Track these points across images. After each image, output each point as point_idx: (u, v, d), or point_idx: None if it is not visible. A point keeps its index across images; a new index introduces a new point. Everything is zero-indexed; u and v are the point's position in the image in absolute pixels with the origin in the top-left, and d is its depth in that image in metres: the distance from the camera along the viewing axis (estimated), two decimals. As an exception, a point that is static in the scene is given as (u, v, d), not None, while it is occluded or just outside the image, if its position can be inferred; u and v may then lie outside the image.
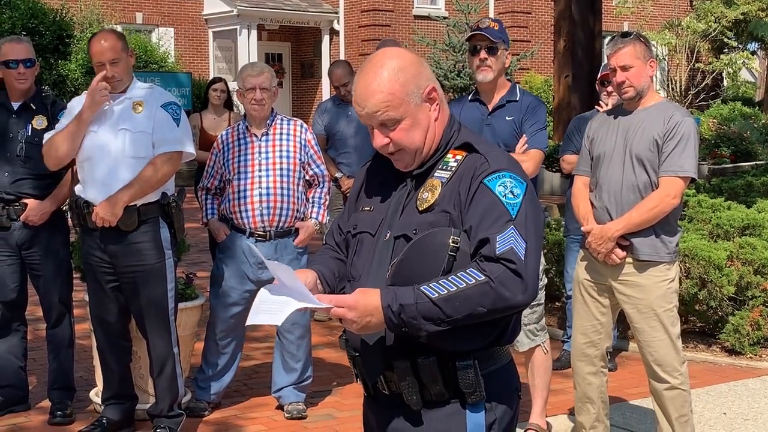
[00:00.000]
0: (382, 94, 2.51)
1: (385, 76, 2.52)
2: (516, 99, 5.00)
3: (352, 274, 2.66)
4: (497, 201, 2.47)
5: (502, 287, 2.39)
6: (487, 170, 2.52)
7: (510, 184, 2.50)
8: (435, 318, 2.38)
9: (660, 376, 4.51)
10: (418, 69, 2.56)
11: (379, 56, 2.58)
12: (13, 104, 5.34)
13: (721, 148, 18.36)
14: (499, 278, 2.39)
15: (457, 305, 2.37)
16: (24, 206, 5.23)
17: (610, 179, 4.51)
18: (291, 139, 5.47)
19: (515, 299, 2.41)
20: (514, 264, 2.40)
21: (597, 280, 4.62)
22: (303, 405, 5.54)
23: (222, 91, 8.84)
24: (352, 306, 2.40)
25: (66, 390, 5.48)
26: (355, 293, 2.43)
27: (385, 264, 2.54)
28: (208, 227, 5.62)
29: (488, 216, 2.46)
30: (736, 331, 6.80)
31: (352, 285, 2.62)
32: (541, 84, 23.81)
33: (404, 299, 2.39)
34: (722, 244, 7.12)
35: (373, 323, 2.41)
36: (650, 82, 4.52)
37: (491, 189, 2.49)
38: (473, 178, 2.52)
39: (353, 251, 2.68)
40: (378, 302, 2.40)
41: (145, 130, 4.85)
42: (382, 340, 2.53)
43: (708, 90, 23.41)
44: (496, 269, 2.40)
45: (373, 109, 2.53)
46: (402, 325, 2.40)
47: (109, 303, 5.03)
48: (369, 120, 2.56)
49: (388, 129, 2.55)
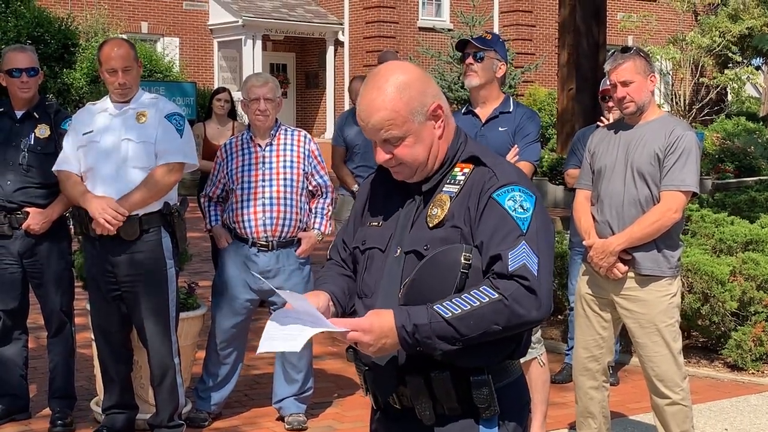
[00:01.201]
0: (385, 112, 2.49)
1: (390, 92, 2.49)
2: (509, 110, 5.00)
3: (363, 291, 2.62)
4: (507, 216, 2.45)
5: (516, 304, 2.37)
6: (495, 184, 2.49)
7: (519, 198, 2.48)
8: (449, 337, 2.36)
9: (661, 392, 4.49)
10: (423, 86, 2.53)
11: (384, 70, 2.54)
12: (16, 113, 5.35)
13: (724, 163, 18.34)
14: (513, 295, 2.37)
15: (471, 324, 2.35)
16: (26, 215, 5.23)
17: (612, 193, 4.50)
18: (295, 150, 5.47)
19: (530, 316, 2.39)
20: (528, 281, 2.38)
21: (599, 295, 4.61)
22: (304, 416, 5.53)
23: (226, 101, 8.86)
24: (368, 329, 2.37)
25: (67, 399, 5.47)
26: (369, 315, 2.40)
27: (395, 280, 2.52)
28: (211, 234, 5.61)
29: (499, 231, 2.43)
30: (738, 346, 6.78)
31: (364, 302, 2.60)
32: (545, 97, 23.82)
33: (418, 319, 2.36)
34: (725, 259, 7.11)
35: (389, 344, 2.39)
36: (651, 96, 4.52)
37: (500, 203, 2.46)
38: (482, 192, 2.49)
39: (363, 267, 2.64)
40: (392, 323, 2.37)
41: (148, 140, 4.86)
42: (395, 355, 2.50)
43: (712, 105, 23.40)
44: (510, 286, 2.38)
45: (376, 126, 2.51)
46: (416, 345, 2.37)
47: (110, 312, 5.02)
48: (372, 135, 2.54)
49: (390, 145, 2.53)
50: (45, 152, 5.25)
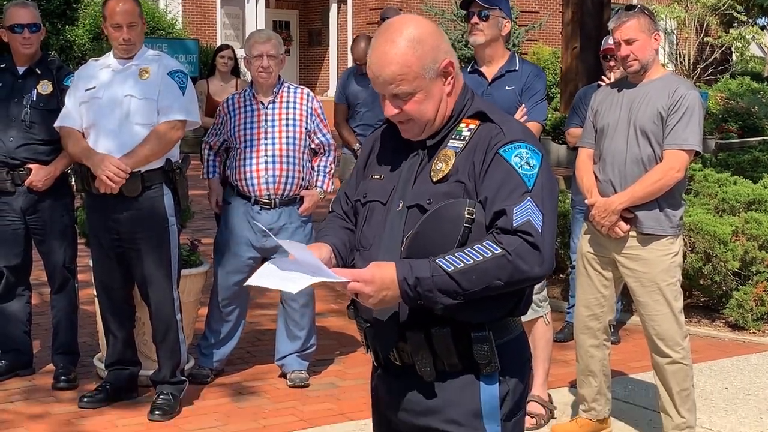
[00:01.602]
0: (397, 66, 2.46)
1: (402, 46, 2.46)
2: (516, 68, 4.97)
3: (362, 243, 2.62)
4: (513, 172, 2.44)
5: (520, 260, 2.36)
6: (502, 140, 2.48)
7: (526, 154, 2.46)
8: (451, 291, 2.35)
9: (662, 350, 4.51)
10: (436, 41, 2.51)
11: (398, 23, 2.51)
12: (18, 69, 5.33)
13: (728, 122, 18.26)
14: (516, 251, 2.36)
15: (473, 278, 2.35)
16: (28, 171, 5.23)
17: (614, 152, 4.49)
18: (297, 108, 5.45)
19: (532, 272, 2.38)
20: (532, 236, 2.37)
21: (600, 254, 4.62)
22: (306, 373, 5.56)
23: (229, 58, 8.84)
24: (369, 280, 2.36)
25: (70, 355, 5.50)
26: (370, 267, 2.39)
27: (397, 234, 2.51)
28: (208, 183, 5.63)
29: (504, 187, 2.42)
30: (739, 306, 6.80)
31: (362, 254, 2.59)
32: (549, 55, 23.67)
33: (420, 272, 2.35)
34: (728, 219, 7.11)
35: (390, 297, 2.38)
36: (655, 55, 4.49)
37: (507, 160, 2.45)
38: (488, 148, 2.48)
39: (363, 220, 2.64)
40: (394, 275, 2.36)
41: (150, 97, 4.84)
42: (396, 311, 2.50)
43: (716, 64, 23.26)
44: (513, 242, 2.37)
45: (387, 80, 2.48)
46: (418, 298, 2.37)
47: (112, 269, 5.04)
48: (382, 89, 2.51)
49: (400, 100, 2.51)
50: (47, 108, 5.24)
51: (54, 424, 4.87)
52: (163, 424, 4.89)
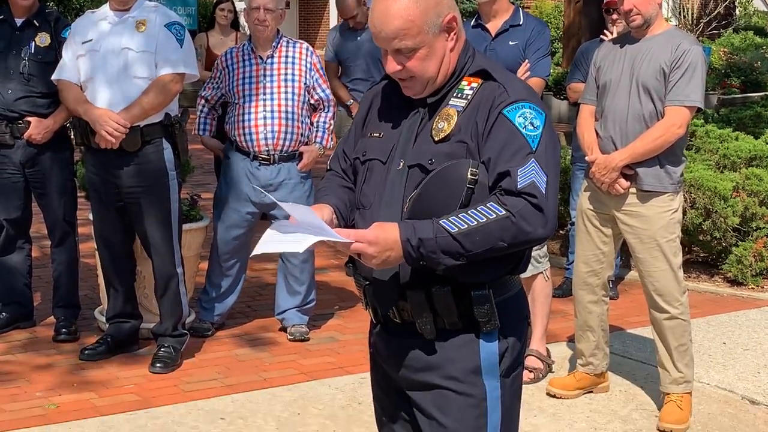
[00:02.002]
0: (400, 21, 2.42)
1: (405, 1, 2.42)
2: (519, 23, 4.94)
3: (362, 202, 2.60)
4: (517, 132, 2.41)
5: (523, 221, 2.35)
6: (506, 100, 2.45)
7: (530, 115, 2.44)
8: (454, 252, 2.34)
9: (660, 306, 4.53)
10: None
11: None
12: (16, 21, 5.30)
13: (730, 78, 18.18)
14: (520, 212, 2.35)
15: (477, 240, 2.34)
16: (27, 124, 5.21)
17: (616, 108, 4.47)
18: (296, 63, 5.42)
19: (536, 233, 2.37)
20: (536, 198, 2.36)
21: (600, 210, 4.61)
22: (306, 328, 5.58)
23: (229, 11, 8.76)
24: (373, 241, 2.35)
25: (71, 308, 5.52)
26: (374, 228, 2.37)
27: (398, 194, 2.50)
28: (201, 142, 5.64)
29: (508, 148, 2.40)
30: (739, 261, 6.81)
31: (362, 213, 2.58)
32: (552, 9, 23.50)
33: (423, 233, 2.34)
34: (728, 174, 7.10)
35: (393, 257, 2.37)
36: (658, 9, 4.45)
37: (511, 120, 2.42)
38: (491, 108, 2.45)
39: (362, 178, 2.62)
40: (397, 236, 2.35)
41: (147, 50, 4.81)
42: (396, 270, 2.49)
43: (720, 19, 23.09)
44: (518, 203, 2.35)
45: (390, 35, 2.44)
46: (420, 259, 2.36)
47: (113, 223, 5.04)
48: (384, 44, 2.48)
49: (402, 56, 2.47)
50: (46, 61, 5.21)
51: (55, 375, 4.90)
52: (164, 377, 4.92)
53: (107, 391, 4.73)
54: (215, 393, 4.75)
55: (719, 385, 5.03)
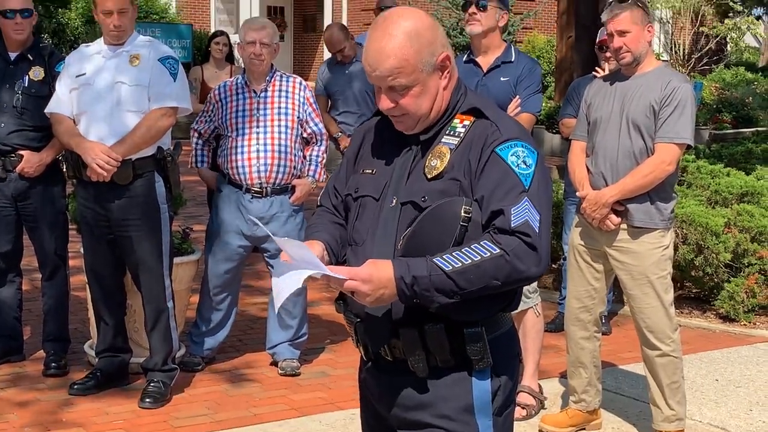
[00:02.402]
0: (395, 59, 2.44)
1: (400, 39, 2.43)
2: (511, 60, 4.97)
3: (354, 239, 2.60)
4: (510, 171, 2.42)
5: (517, 260, 2.36)
6: (498, 139, 2.46)
7: (522, 153, 2.45)
8: (448, 290, 2.34)
9: (652, 343, 4.52)
10: (434, 35, 2.49)
11: (395, 16, 2.48)
12: (10, 54, 5.31)
13: (722, 113, 18.27)
14: (514, 251, 2.35)
15: (471, 278, 2.34)
16: (20, 157, 5.21)
17: (606, 145, 4.49)
18: (290, 96, 5.44)
19: (530, 272, 2.38)
20: (529, 237, 2.37)
21: (592, 246, 4.62)
22: (297, 362, 5.56)
23: (224, 45, 8.82)
24: (366, 279, 2.34)
25: (61, 342, 5.49)
26: (367, 265, 2.37)
27: (391, 231, 2.50)
28: (199, 174, 5.64)
29: (501, 186, 2.41)
30: (731, 298, 6.81)
31: (354, 250, 2.58)
32: (544, 44, 23.64)
33: (417, 271, 2.34)
34: (720, 210, 7.12)
35: (387, 295, 2.36)
36: (648, 47, 4.48)
37: (504, 158, 2.43)
38: (484, 146, 2.46)
39: (354, 215, 2.62)
40: (391, 274, 2.34)
41: (141, 84, 4.82)
42: (389, 308, 2.48)
43: (711, 54, 23.24)
44: (512, 242, 2.36)
45: (384, 74, 2.45)
46: (414, 297, 2.36)
47: (104, 256, 5.03)
48: (378, 82, 2.49)
49: (396, 94, 2.48)
50: (39, 94, 5.21)
51: (44, 411, 4.86)
52: (154, 412, 4.88)
53: (96, 427, 4.69)
54: (205, 429, 4.72)
55: (712, 423, 5.01)
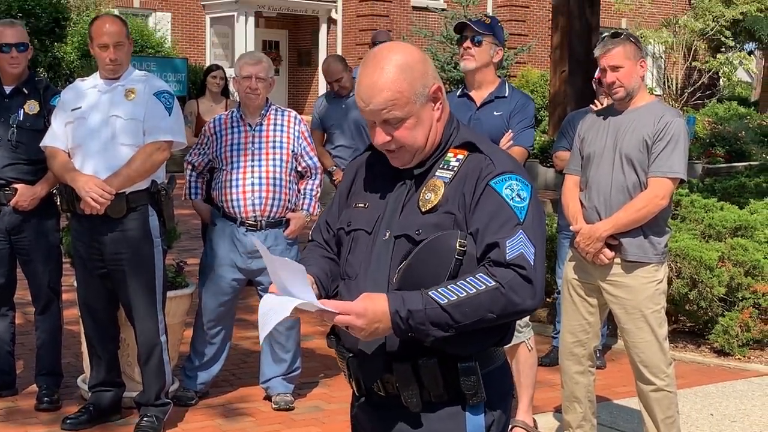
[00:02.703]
0: (389, 92, 2.45)
1: (392, 73, 2.45)
2: (505, 95, 5.00)
3: (348, 272, 2.60)
4: (505, 204, 2.44)
5: (513, 293, 2.36)
6: (493, 172, 2.47)
7: (517, 186, 2.47)
8: (443, 324, 2.34)
9: (646, 378, 4.51)
10: (425, 67, 2.51)
11: (386, 51, 2.50)
12: (5, 88, 5.32)
13: (715, 147, 18.35)
14: (509, 284, 2.36)
15: (466, 311, 2.34)
16: (14, 191, 5.20)
17: (600, 179, 4.50)
18: (285, 130, 5.46)
19: (525, 305, 2.38)
20: (525, 270, 2.37)
21: (585, 280, 4.62)
22: (291, 396, 5.53)
23: (221, 78, 8.86)
24: (361, 313, 2.34)
25: (53, 376, 5.46)
26: (362, 299, 2.37)
27: (384, 264, 2.50)
28: (192, 204, 5.63)
29: (496, 219, 2.42)
30: (725, 332, 6.80)
31: (347, 284, 2.58)
32: (538, 78, 23.78)
33: (413, 305, 2.34)
34: (714, 244, 7.12)
35: (381, 329, 2.36)
36: (641, 82, 4.51)
37: (498, 191, 2.45)
38: (479, 179, 2.47)
39: (347, 249, 2.62)
40: (386, 308, 2.35)
41: (136, 118, 4.83)
42: (382, 342, 2.48)
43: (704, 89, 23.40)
44: (507, 275, 2.37)
45: (378, 107, 2.47)
46: (410, 330, 2.36)
47: (97, 290, 5.02)
48: (372, 117, 2.50)
49: (390, 127, 2.49)
50: (34, 128, 5.22)
51: (36, 446, 4.83)
52: (146, 447, 4.85)
53: (88, 462, 4.66)
54: (198, 464, 4.69)
55: (707, 458, 4.99)
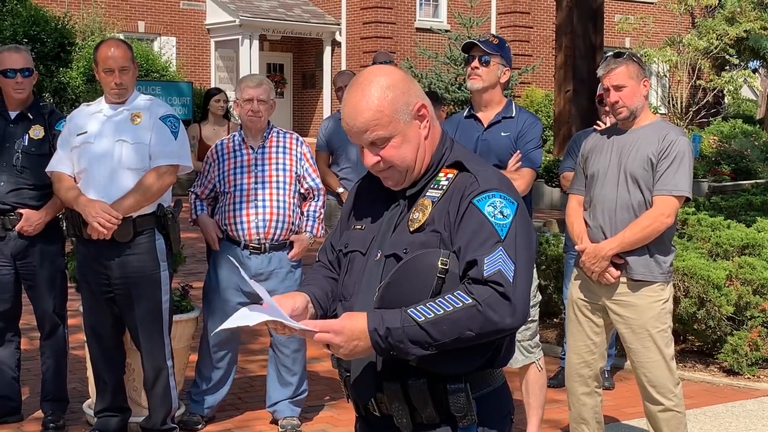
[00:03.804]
0: (370, 112, 2.48)
1: (373, 94, 2.49)
2: (512, 115, 4.98)
3: (343, 294, 2.62)
4: (486, 221, 2.44)
5: (490, 310, 2.35)
6: (476, 190, 2.48)
7: (500, 204, 2.46)
8: (422, 342, 2.34)
9: (654, 398, 4.48)
10: (407, 86, 2.53)
11: (367, 74, 2.55)
12: (10, 113, 5.32)
13: (721, 165, 18.34)
14: (486, 301, 2.35)
15: (444, 329, 2.34)
16: (19, 216, 5.20)
17: (605, 198, 4.49)
18: (287, 152, 5.45)
19: (503, 323, 2.37)
20: (502, 287, 2.36)
21: (591, 300, 4.60)
22: (297, 420, 5.51)
23: (224, 102, 8.88)
24: (338, 331, 2.37)
25: (59, 401, 5.44)
26: (342, 318, 2.40)
27: (374, 284, 2.51)
28: (197, 225, 5.57)
29: (477, 237, 2.42)
30: (734, 351, 6.76)
31: (343, 305, 2.59)
32: (542, 98, 23.83)
33: (391, 323, 2.35)
34: (721, 263, 7.09)
35: (361, 347, 2.37)
36: (644, 101, 4.50)
37: (480, 209, 2.45)
38: (462, 197, 2.48)
39: (344, 270, 2.65)
40: (365, 326, 2.36)
41: (142, 142, 4.84)
42: (372, 361, 2.49)
43: (709, 107, 23.43)
44: (484, 292, 2.36)
45: (362, 128, 2.50)
46: (390, 348, 2.36)
47: (103, 314, 5.00)
48: (358, 139, 2.53)
49: (377, 147, 2.52)
50: (39, 153, 5.22)
51: (41, 472, 4.81)
52: (152, 473, 4.83)
53: (94, 488, 4.64)
54: (204, 489, 4.66)
55: (717, 478, 4.95)
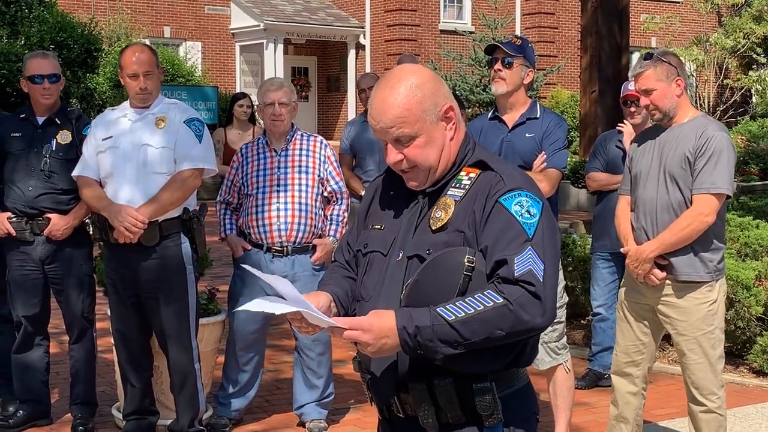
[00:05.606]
0: (398, 110, 2.49)
1: (402, 91, 2.49)
2: (536, 116, 4.94)
3: (362, 294, 2.61)
4: (513, 220, 2.43)
5: (521, 310, 2.34)
6: (502, 189, 2.47)
7: (526, 203, 2.46)
8: (452, 341, 2.34)
9: (697, 399, 4.43)
10: (435, 86, 2.53)
11: (397, 72, 2.56)
12: (38, 119, 5.36)
13: (749, 165, 18.18)
14: (518, 301, 2.34)
15: (474, 328, 2.33)
16: (47, 221, 5.23)
17: (646, 199, 4.44)
18: (310, 155, 5.44)
19: (534, 322, 2.36)
20: (533, 286, 2.36)
21: (639, 301, 4.55)
22: (325, 422, 5.50)
23: (248, 106, 8.92)
24: (367, 328, 2.36)
25: (88, 405, 5.47)
26: (370, 315, 2.39)
27: (397, 285, 2.50)
28: (226, 242, 5.58)
29: (505, 236, 2.41)
30: (764, 351, 6.70)
31: (362, 305, 2.59)
32: (568, 99, 23.71)
33: (420, 321, 2.34)
34: (750, 263, 7.03)
35: (389, 345, 2.37)
36: (678, 100, 4.42)
37: (507, 208, 2.44)
38: (488, 196, 2.47)
39: (363, 270, 2.64)
40: (393, 324, 2.35)
41: (167, 146, 4.85)
42: (395, 361, 2.49)
43: (736, 106, 23.25)
44: (515, 291, 2.35)
45: (388, 125, 2.50)
46: (418, 347, 2.36)
47: (130, 318, 5.02)
48: (383, 135, 2.53)
49: (402, 145, 2.52)
50: (66, 158, 5.25)
51: (71, 475, 4.82)
52: (181, 475, 4.84)
53: (123, 491, 4.65)
54: (233, 492, 4.67)
55: (749, 480, 4.90)
